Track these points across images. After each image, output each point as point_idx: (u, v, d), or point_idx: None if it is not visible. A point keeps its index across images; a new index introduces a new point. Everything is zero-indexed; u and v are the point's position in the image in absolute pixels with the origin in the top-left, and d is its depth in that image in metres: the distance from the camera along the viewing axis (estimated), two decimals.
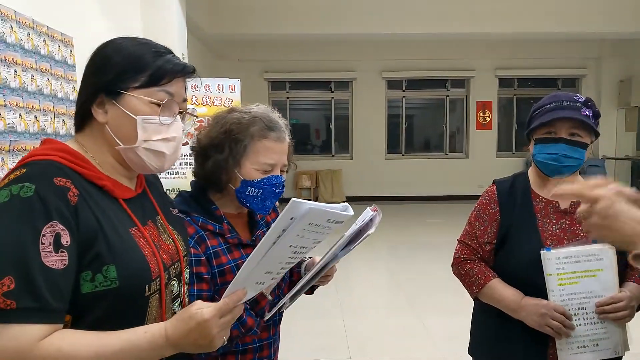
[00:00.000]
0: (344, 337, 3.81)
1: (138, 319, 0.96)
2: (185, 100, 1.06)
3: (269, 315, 1.17)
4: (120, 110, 0.97)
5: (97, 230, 0.91)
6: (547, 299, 1.45)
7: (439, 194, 10.92)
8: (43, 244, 0.84)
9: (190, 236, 1.23)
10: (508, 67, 10.90)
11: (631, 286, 1.46)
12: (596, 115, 1.58)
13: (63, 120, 4.13)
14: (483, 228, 1.62)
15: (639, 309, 1.48)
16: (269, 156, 1.30)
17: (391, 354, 3.56)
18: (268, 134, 1.30)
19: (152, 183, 1.15)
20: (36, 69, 3.72)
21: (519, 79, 11.26)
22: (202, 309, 0.89)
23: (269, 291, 1.26)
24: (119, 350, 0.86)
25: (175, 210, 1.18)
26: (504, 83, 11.19)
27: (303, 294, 1.44)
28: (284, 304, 1.17)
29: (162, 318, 1.01)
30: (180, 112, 1.04)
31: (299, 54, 10.45)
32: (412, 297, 4.80)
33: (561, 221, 1.55)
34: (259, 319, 1.27)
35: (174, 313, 1.05)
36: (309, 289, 1.45)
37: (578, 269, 1.44)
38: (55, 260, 0.84)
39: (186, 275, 1.11)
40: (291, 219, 0.86)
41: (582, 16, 8.87)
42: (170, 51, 1.04)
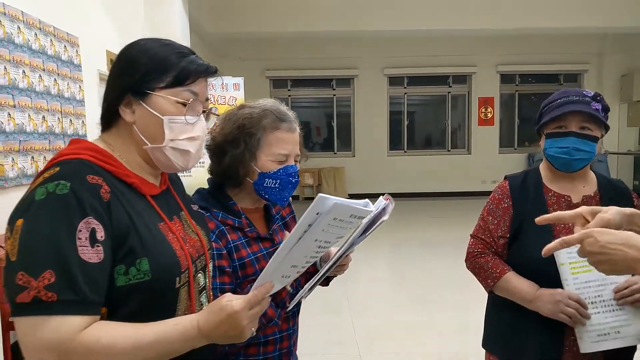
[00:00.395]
0: (353, 333, 3.84)
1: (169, 310, 0.99)
2: (208, 99, 1.08)
3: (291, 306, 1.19)
4: (147, 110, 1.00)
5: (129, 225, 0.93)
6: (562, 289, 1.47)
7: (441, 191, 10.95)
8: (80, 239, 0.86)
9: (211, 231, 1.26)
10: (510, 63, 10.91)
11: None
12: (605, 109, 1.60)
13: (70, 120, 4.15)
14: (496, 222, 1.64)
15: None
16: (282, 146, 1.33)
17: (400, 349, 3.59)
18: (280, 125, 1.34)
19: (174, 181, 1.18)
20: (43, 69, 3.74)
21: (521, 74, 11.28)
22: (232, 300, 0.92)
23: (289, 283, 1.29)
24: (154, 341, 0.89)
25: (195, 207, 1.20)
26: (505, 79, 11.20)
27: (319, 286, 1.48)
28: (304, 295, 1.20)
29: (191, 310, 1.03)
30: (203, 111, 1.07)
31: (301, 51, 10.47)
32: (418, 293, 4.83)
33: None
34: (280, 310, 1.30)
35: (201, 305, 1.08)
36: (325, 280, 1.48)
37: None
38: (91, 255, 0.87)
39: (210, 268, 1.14)
40: (317, 214, 0.88)
41: (584, 11, 8.88)
42: (193, 52, 1.06)
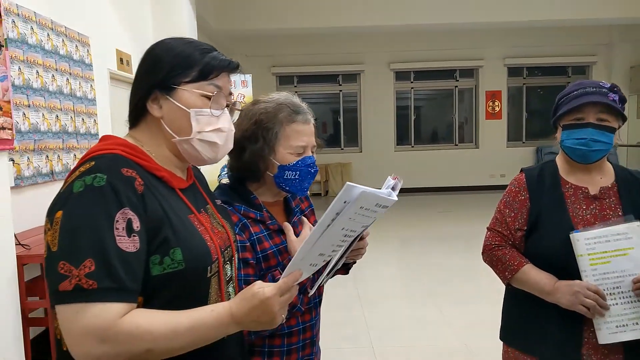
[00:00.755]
0: (365, 327, 3.87)
1: (202, 299, 1.02)
2: (231, 93, 1.11)
3: (312, 292, 1.22)
4: (174, 104, 1.03)
5: (163, 216, 0.96)
6: (581, 280, 1.48)
7: (449, 185, 10.93)
8: (117, 229, 0.90)
9: (235, 224, 1.29)
10: (517, 56, 10.85)
11: None
12: (622, 100, 1.60)
13: (82, 119, 4.19)
14: (513, 215, 1.65)
15: None
16: (299, 138, 1.36)
17: (412, 342, 3.61)
18: (295, 117, 1.37)
19: (198, 177, 1.21)
20: (56, 69, 3.78)
21: (528, 67, 11.22)
22: (264, 287, 0.94)
23: (316, 271, 1.31)
24: (190, 328, 0.92)
25: (218, 201, 1.23)
26: (513, 72, 11.14)
27: (337, 276, 1.50)
28: (323, 280, 1.21)
29: (222, 299, 1.06)
30: (227, 105, 1.09)
31: (307, 47, 10.47)
32: (428, 287, 4.84)
33: (591, 206, 1.58)
34: (302, 296, 1.33)
35: (229, 295, 1.11)
36: (345, 269, 1.50)
37: (608, 248, 1.46)
38: (128, 244, 0.90)
39: (236, 260, 1.17)
40: (345, 202, 0.90)
41: (592, 2, 8.81)
42: (214, 48, 1.09)
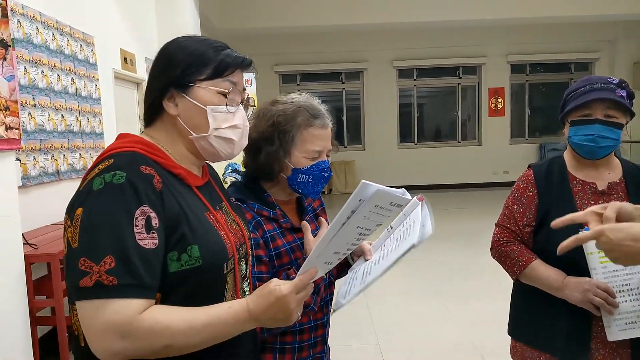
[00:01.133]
0: (371, 324, 3.88)
1: (218, 296, 1.03)
2: (244, 89, 1.11)
3: (345, 303, 1.21)
4: (190, 102, 1.04)
5: (180, 213, 0.97)
6: (590, 277, 1.48)
7: (452, 182, 10.93)
8: (136, 225, 0.90)
9: (249, 221, 1.29)
10: (520, 53, 10.84)
11: None
12: (630, 96, 1.60)
13: (87, 118, 4.20)
14: (522, 211, 1.65)
15: None
16: (316, 143, 1.36)
17: (417, 338, 3.62)
18: (313, 122, 1.36)
19: (212, 175, 1.22)
20: (61, 69, 3.79)
21: (531, 64, 11.19)
22: (280, 285, 0.95)
23: (331, 269, 1.32)
24: (208, 324, 0.92)
25: (232, 198, 1.24)
26: (515, 69, 11.13)
27: (337, 280, 1.50)
28: (354, 295, 1.22)
29: (237, 296, 1.07)
30: (241, 102, 1.10)
31: (309, 46, 10.47)
32: (433, 283, 4.85)
33: (599, 202, 1.58)
34: (315, 296, 1.34)
35: (244, 292, 1.11)
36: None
37: None
38: (147, 241, 0.91)
39: (251, 257, 1.18)
40: (360, 200, 0.91)
41: None
42: (227, 46, 1.10)
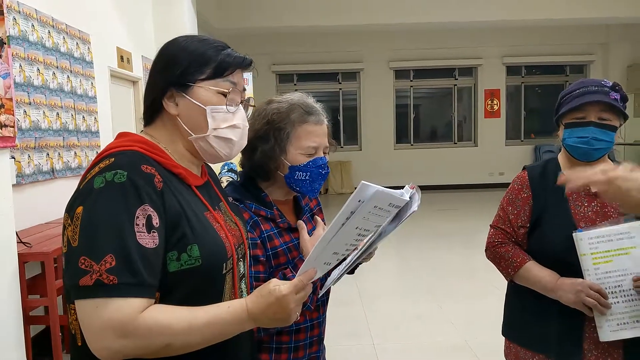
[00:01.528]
0: (366, 324, 3.89)
1: (217, 295, 1.03)
2: (245, 89, 1.11)
3: (321, 293, 1.22)
4: (190, 101, 1.03)
5: (180, 213, 0.97)
6: (583, 278, 1.50)
7: (448, 183, 10.96)
8: (137, 225, 0.90)
9: (246, 221, 1.29)
10: (515, 55, 10.88)
11: None
12: (624, 98, 1.61)
13: (83, 117, 4.19)
14: (516, 212, 1.67)
15: None
16: (311, 139, 1.36)
17: (413, 339, 3.63)
18: (307, 118, 1.36)
19: (211, 175, 1.22)
20: (57, 67, 3.78)
21: (527, 66, 11.25)
22: (280, 285, 0.95)
23: (329, 270, 1.32)
24: (207, 323, 0.92)
25: (230, 198, 1.24)
26: (511, 71, 11.18)
27: (345, 275, 1.51)
28: (332, 282, 1.22)
29: (235, 296, 1.07)
30: (241, 102, 1.10)
31: (306, 46, 10.47)
32: (428, 284, 4.86)
33: (593, 204, 1.59)
34: (312, 295, 1.34)
35: (242, 291, 1.11)
36: (351, 269, 1.51)
37: (611, 247, 1.48)
38: (148, 240, 0.91)
39: (249, 257, 1.18)
40: (359, 201, 0.91)
41: (589, 2, 8.84)
42: (228, 45, 1.10)
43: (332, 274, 1.23)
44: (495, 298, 1.82)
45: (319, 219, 1.45)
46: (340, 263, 1.17)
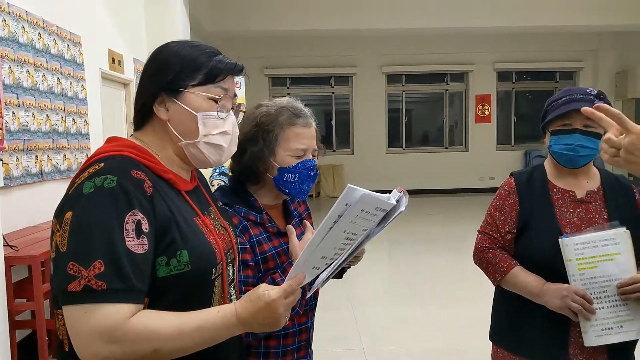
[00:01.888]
0: (356, 328, 3.89)
1: (206, 301, 1.02)
2: (236, 95, 1.12)
3: (309, 294, 1.23)
4: (181, 107, 1.03)
5: (170, 218, 0.97)
6: (569, 284, 1.51)
7: (439, 188, 11.01)
8: (127, 230, 0.90)
9: (235, 226, 1.29)
10: (506, 61, 10.97)
11: None
12: None
13: (73, 119, 4.17)
14: (503, 218, 1.68)
15: None
16: (299, 141, 1.37)
17: (402, 343, 3.63)
18: (295, 120, 1.38)
19: (200, 179, 1.22)
20: (47, 69, 3.76)
21: (517, 72, 11.35)
22: (269, 290, 0.95)
23: (318, 274, 1.32)
24: (197, 328, 0.92)
25: (219, 203, 1.24)
26: (502, 76, 11.27)
27: (332, 278, 1.51)
28: (320, 284, 1.23)
29: (224, 300, 1.07)
30: (232, 107, 1.10)
31: (299, 50, 10.49)
32: (417, 288, 4.88)
33: (578, 210, 1.61)
34: (300, 299, 1.33)
35: (231, 296, 1.11)
36: (339, 273, 1.52)
37: (596, 253, 1.49)
38: (137, 245, 0.91)
39: (238, 261, 1.18)
40: (346, 204, 0.91)
41: (579, 9, 8.94)
42: (219, 52, 1.10)
43: (320, 276, 1.23)
44: (485, 303, 1.83)
45: (307, 223, 1.45)
46: (329, 266, 1.17)
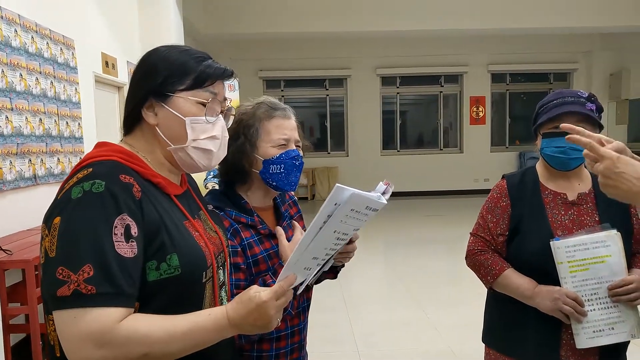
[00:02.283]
0: (350, 330, 3.89)
1: (197, 304, 1.03)
2: (226, 99, 1.12)
3: (300, 290, 1.23)
4: (169, 111, 1.04)
5: (159, 222, 0.97)
6: (560, 286, 1.52)
7: (434, 189, 11.04)
8: (116, 234, 0.90)
9: (227, 229, 1.29)
10: (500, 63, 11.03)
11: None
12: (599, 109, 1.65)
13: (66, 123, 4.15)
14: (495, 220, 1.69)
15: None
16: (280, 132, 1.39)
17: (397, 345, 3.64)
18: (274, 113, 1.40)
19: (190, 183, 1.22)
20: (40, 72, 3.74)
21: (512, 74, 11.40)
22: (260, 292, 0.95)
23: (311, 275, 1.32)
24: (188, 331, 0.92)
25: (210, 206, 1.24)
26: (496, 78, 11.32)
27: (326, 280, 1.52)
28: (309, 280, 1.23)
29: (215, 304, 1.07)
30: (221, 112, 1.11)
31: (294, 52, 10.51)
32: (413, 290, 4.88)
33: (569, 212, 1.63)
34: (292, 300, 1.33)
35: (222, 300, 1.11)
36: (334, 273, 1.53)
37: (587, 256, 1.50)
38: (126, 250, 0.91)
39: (229, 265, 1.18)
40: (335, 204, 0.91)
41: (573, 11, 8.99)
42: (209, 56, 1.10)
43: (311, 274, 1.23)
44: (480, 304, 1.84)
45: (296, 224, 1.45)
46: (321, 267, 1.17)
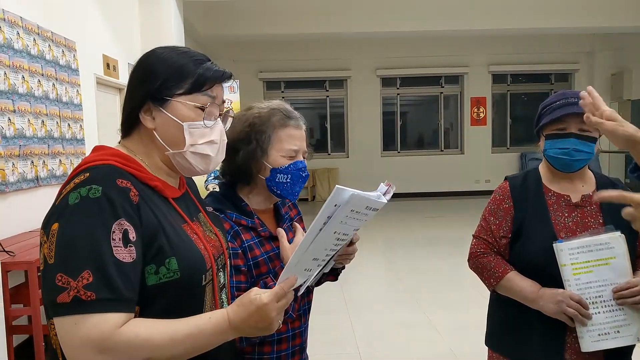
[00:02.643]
0: (352, 332, 3.89)
1: (197, 307, 1.02)
2: (224, 101, 1.11)
3: (301, 291, 1.23)
4: (167, 116, 1.03)
5: (157, 226, 0.96)
6: (564, 289, 1.51)
7: (435, 191, 11.02)
8: (114, 239, 0.90)
9: (227, 231, 1.29)
10: (501, 63, 11.01)
11: None
12: None
13: (68, 124, 4.16)
14: (498, 223, 1.68)
15: None
16: (292, 142, 1.39)
17: (399, 348, 3.63)
18: (288, 122, 1.40)
19: (190, 185, 1.21)
20: (42, 74, 3.75)
21: (512, 74, 11.39)
22: (261, 294, 0.95)
23: (312, 276, 1.32)
24: (189, 335, 0.92)
25: (210, 208, 1.24)
26: (497, 79, 11.30)
27: (326, 282, 1.52)
28: (310, 282, 1.22)
29: (216, 307, 1.07)
30: (219, 114, 1.10)
31: (294, 53, 10.50)
32: (415, 292, 4.87)
33: (573, 214, 1.62)
34: (293, 303, 1.33)
35: (222, 302, 1.11)
36: (334, 275, 1.52)
37: (591, 258, 1.49)
38: (125, 255, 0.90)
39: (229, 267, 1.18)
40: (335, 205, 0.91)
41: (574, 11, 8.97)
42: (208, 58, 1.09)
43: (311, 276, 1.22)
44: (482, 307, 1.83)
45: (297, 226, 1.45)
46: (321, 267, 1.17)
